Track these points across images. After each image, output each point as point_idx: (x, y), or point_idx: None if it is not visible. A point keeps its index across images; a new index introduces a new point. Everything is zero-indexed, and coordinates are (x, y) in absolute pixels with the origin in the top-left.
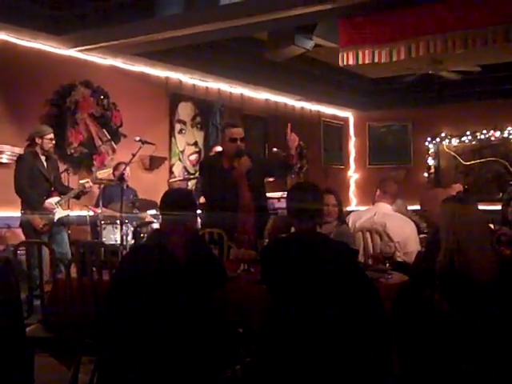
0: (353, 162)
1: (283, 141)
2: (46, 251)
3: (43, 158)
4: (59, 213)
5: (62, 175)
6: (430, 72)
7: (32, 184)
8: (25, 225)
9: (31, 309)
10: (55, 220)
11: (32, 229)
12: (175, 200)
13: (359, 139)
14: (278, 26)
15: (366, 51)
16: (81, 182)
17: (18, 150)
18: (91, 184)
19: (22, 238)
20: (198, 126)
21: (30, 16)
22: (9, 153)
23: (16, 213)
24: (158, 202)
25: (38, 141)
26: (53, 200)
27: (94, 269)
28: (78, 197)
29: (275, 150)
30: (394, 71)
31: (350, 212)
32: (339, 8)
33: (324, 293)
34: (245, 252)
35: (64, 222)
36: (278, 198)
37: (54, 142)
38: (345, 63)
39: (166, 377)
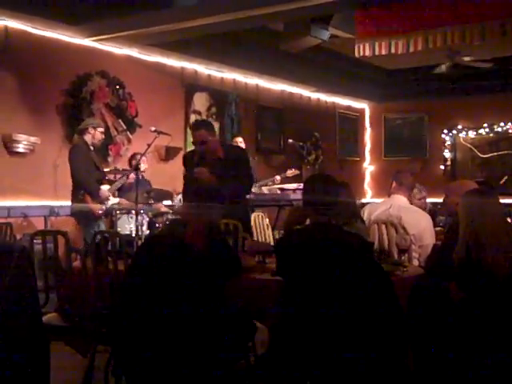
0: (368, 154)
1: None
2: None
3: (92, 149)
4: (112, 200)
5: None
6: (455, 62)
7: (88, 172)
8: (79, 211)
9: (47, 297)
10: (108, 206)
11: (88, 215)
12: (199, 190)
13: (375, 131)
14: (294, 16)
15: (383, 42)
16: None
17: (34, 140)
18: (133, 175)
19: (38, 227)
20: (213, 116)
21: (47, 5)
22: (25, 142)
23: (31, 202)
24: (173, 192)
25: (91, 131)
26: (106, 187)
27: (110, 258)
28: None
29: (291, 141)
30: (410, 62)
31: (365, 204)
32: None
33: (339, 285)
34: (260, 243)
35: (115, 208)
36: (294, 190)
37: (103, 136)
38: (361, 54)
39: (180, 366)
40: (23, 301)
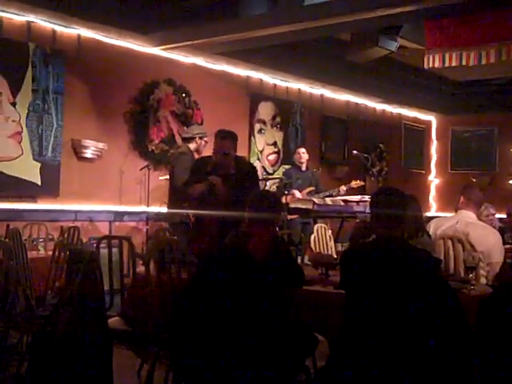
0: (434, 167)
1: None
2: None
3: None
4: None
5: (143, 171)
6: None
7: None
8: (175, 219)
9: (112, 301)
10: None
11: (186, 224)
12: (262, 201)
13: (441, 143)
14: (363, 27)
15: (454, 54)
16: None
17: (102, 146)
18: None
19: (103, 231)
20: (278, 126)
21: (118, 15)
22: (93, 148)
23: (97, 206)
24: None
25: (197, 141)
26: None
27: (172, 266)
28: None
29: (355, 152)
30: (481, 74)
31: (431, 218)
32: (425, 9)
33: (405, 302)
34: (323, 255)
35: None
36: (357, 202)
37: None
38: (430, 65)
39: (241, 378)
40: (90, 304)
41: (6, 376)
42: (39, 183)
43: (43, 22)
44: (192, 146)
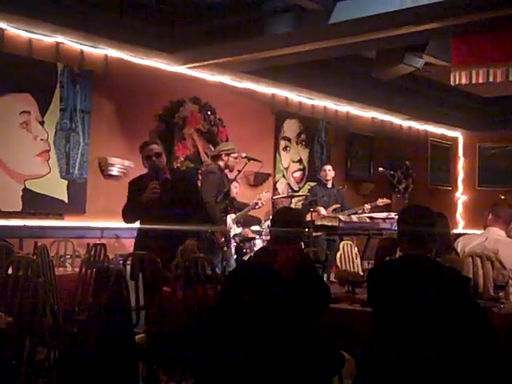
0: (461, 184)
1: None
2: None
3: (224, 174)
4: (234, 230)
5: None
6: None
7: (216, 199)
8: (203, 239)
9: (138, 318)
10: (231, 236)
11: (212, 244)
12: (286, 218)
13: (468, 160)
14: (388, 44)
15: (480, 70)
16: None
17: (128, 164)
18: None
19: (129, 248)
20: (303, 143)
21: (144, 35)
22: (119, 166)
23: (123, 223)
24: (261, 218)
25: (224, 158)
26: (230, 217)
27: (198, 282)
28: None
29: (381, 169)
30: (508, 90)
31: (458, 235)
32: (451, 26)
33: (433, 320)
34: (349, 272)
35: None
36: (383, 219)
37: (237, 160)
38: (456, 82)
39: None
40: (118, 321)
41: None
42: (66, 200)
43: (71, 43)
44: (221, 163)
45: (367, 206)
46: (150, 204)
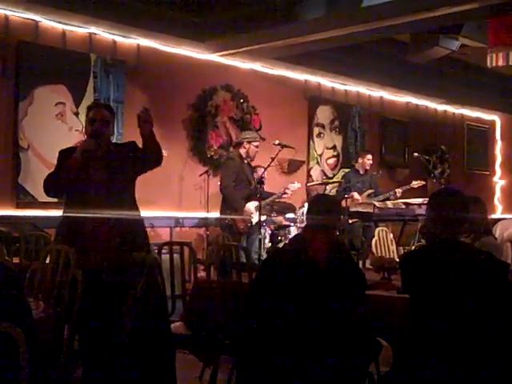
0: (499, 168)
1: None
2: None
3: (246, 162)
4: (256, 217)
5: (202, 177)
6: None
7: (236, 186)
8: (225, 225)
9: (174, 306)
10: (253, 224)
11: (232, 229)
12: (322, 206)
13: (506, 143)
14: (422, 27)
15: None
16: (292, 185)
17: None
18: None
19: (164, 237)
20: (337, 129)
21: (176, 24)
22: None
23: (158, 212)
24: (296, 205)
25: (245, 145)
26: (252, 205)
27: (234, 271)
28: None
29: (416, 154)
30: None
31: (496, 220)
32: (487, 7)
33: (471, 306)
34: (385, 259)
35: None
36: (419, 204)
37: (258, 149)
38: (493, 64)
39: (304, 382)
40: (154, 309)
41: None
42: None
43: (104, 34)
44: (242, 151)
45: (399, 190)
46: (84, 156)
